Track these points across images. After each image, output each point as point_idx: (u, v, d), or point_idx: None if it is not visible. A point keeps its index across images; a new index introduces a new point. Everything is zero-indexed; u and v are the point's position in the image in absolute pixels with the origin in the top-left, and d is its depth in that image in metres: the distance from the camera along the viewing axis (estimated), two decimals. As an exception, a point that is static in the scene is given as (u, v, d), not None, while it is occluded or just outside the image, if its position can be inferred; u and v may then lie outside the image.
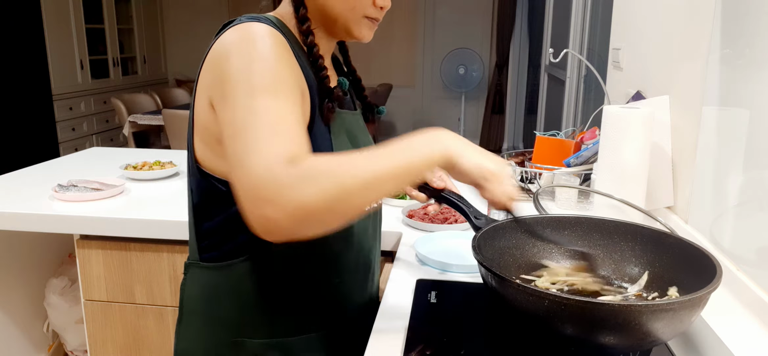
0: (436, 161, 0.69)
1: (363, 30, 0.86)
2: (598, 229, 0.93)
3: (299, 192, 0.59)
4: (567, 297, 0.67)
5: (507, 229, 0.90)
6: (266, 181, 0.60)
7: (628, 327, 0.66)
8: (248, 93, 0.68)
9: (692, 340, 0.86)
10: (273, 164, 0.61)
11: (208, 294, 0.89)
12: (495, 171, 0.73)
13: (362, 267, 0.97)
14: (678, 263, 0.83)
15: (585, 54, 3.47)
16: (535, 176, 1.60)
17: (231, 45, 0.73)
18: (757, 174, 0.90)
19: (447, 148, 0.70)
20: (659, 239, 0.87)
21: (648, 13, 1.48)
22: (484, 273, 0.78)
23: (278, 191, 0.59)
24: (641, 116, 1.19)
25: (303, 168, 0.61)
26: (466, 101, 6.52)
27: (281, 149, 0.63)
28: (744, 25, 0.96)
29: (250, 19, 0.77)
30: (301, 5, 0.84)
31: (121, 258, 1.49)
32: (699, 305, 0.70)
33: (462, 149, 0.71)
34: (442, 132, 0.71)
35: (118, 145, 5.74)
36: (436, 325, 0.88)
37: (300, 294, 0.89)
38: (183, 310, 0.92)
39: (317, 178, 0.60)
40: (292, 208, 0.59)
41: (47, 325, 1.89)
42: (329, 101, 0.84)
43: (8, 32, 4.38)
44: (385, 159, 0.65)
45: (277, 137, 0.65)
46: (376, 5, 0.84)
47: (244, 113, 0.67)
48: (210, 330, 0.89)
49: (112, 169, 1.95)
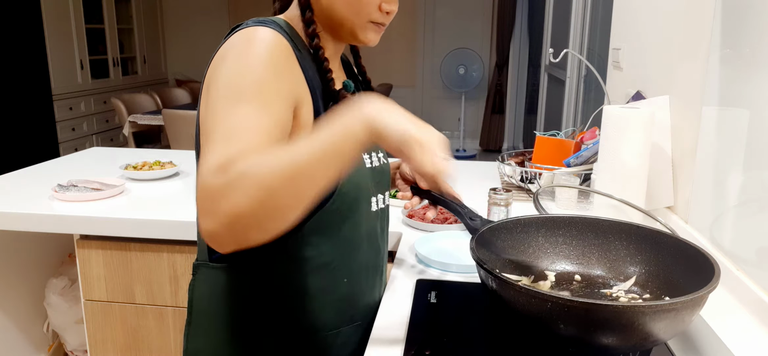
0: (358, 133, 0.63)
1: (369, 34, 0.86)
2: (594, 229, 0.93)
3: (227, 201, 0.57)
4: (567, 298, 0.67)
5: (504, 230, 0.90)
6: (201, 192, 0.60)
7: (627, 327, 0.66)
8: (225, 98, 0.69)
9: (692, 340, 0.86)
10: (207, 173, 0.60)
11: (218, 294, 0.89)
12: (420, 138, 0.65)
13: (372, 267, 0.97)
14: (676, 264, 0.83)
15: (585, 54, 3.47)
16: (535, 176, 1.60)
17: (229, 49, 0.74)
18: (757, 174, 0.90)
19: (366, 117, 0.64)
20: (657, 239, 0.87)
21: (648, 13, 1.48)
22: (484, 274, 0.78)
23: (210, 202, 0.58)
24: (641, 116, 1.19)
25: (228, 175, 0.59)
26: (466, 101, 6.52)
27: (218, 156, 0.61)
28: (744, 25, 0.96)
29: (256, 23, 0.78)
30: (307, 8, 0.84)
31: (121, 258, 1.49)
32: (698, 305, 0.70)
33: (384, 117, 0.64)
34: (368, 101, 0.66)
35: (118, 145, 5.74)
36: (436, 325, 0.88)
37: (310, 294, 0.89)
38: (193, 311, 0.92)
39: (243, 182, 0.58)
40: (223, 218, 0.57)
41: (47, 325, 1.89)
42: (334, 104, 0.84)
43: (8, 32, 4.38)
44: (308, 147, 0.61)
45: (223, 143, 0.63)
46: (382, 10, 0.84)
47: (214, 118, 0.67)
48: (220, 330, 0.90)
49: (112, 169, 1.95)
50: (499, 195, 1.24)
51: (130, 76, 6.15)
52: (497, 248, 0.89)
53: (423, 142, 0.66)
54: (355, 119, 0.64)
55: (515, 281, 0.72)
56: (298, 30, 0.85)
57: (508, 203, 1.25)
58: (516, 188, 1.64)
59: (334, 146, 0.62)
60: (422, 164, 0.66)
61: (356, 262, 0.92)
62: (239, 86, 0.69)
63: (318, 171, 0.61)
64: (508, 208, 1.25)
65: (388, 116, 0.65)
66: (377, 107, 0.65)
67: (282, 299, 0.88)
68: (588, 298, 0.83)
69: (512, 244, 0.91)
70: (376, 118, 0.64)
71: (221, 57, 0.74)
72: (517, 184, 1.65)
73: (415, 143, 0.65)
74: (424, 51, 6.57)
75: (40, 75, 4.74)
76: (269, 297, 0.87)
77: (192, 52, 6.81)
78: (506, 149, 6.59)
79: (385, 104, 0.66)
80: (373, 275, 0.98)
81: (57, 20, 4.94)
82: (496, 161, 1.75)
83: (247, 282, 0.87)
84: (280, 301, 0.88)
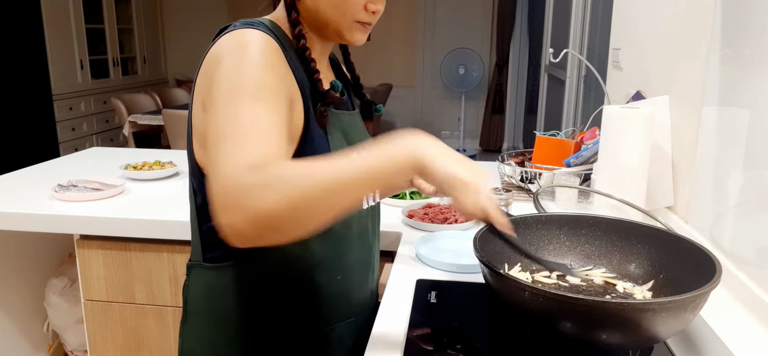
0: (403, 166, 0.65)
1: (355, 34, 0.86)
2: (597, 228, 0.93)
3: (260, 199, 0.59)
4: (569, 295, 0.67)
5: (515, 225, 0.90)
6: (230, 187, 0.61)
7: (628, 325, 0.66)
8: (230, 100, 0.69)
9: (692, 339, 0.86)
10: (238, 170, 0.61)
11: (212, 294, 0.89)
12: (467, 181, 0.66)
13: (363, 264, 0.98)
14: (678, 262, 0.83)
15: (585, 54, 3.47)
16: (535, 176, 1.60)
17: (223, 51, 0.75)
18: (757, 174, 0.90)
19: (415, 153, 0.65)
20: (659, 237, 0.87)
21: (648, 13, 1.48)
22: (485, 270, 0.78)
23: (241, 198, 0.60)
24: (641, 116, 1.19)
25: (265, 175, 0.61)
26: (466, 101, 6.52)
27: (249, 155, 0.63)
28: (744, 25, 0.96)
29: (244, 25, 0.78)
30: (293, 9, 0.84)
31: (121, 258, 1.49)
32: (699, 303, 0.70)
33: (433, 155, 0.66)
34: (415, 136, 0.67)
35: (118, 145, 5.74)
36: (436, 325, 0.88)
37: (304, 292, 0.90)
38: (187, 311, 0.93)
39: (279, 185, 0.60)
40: (253, 215, 0.59)
41: (47, 325, 1.89)
42: (322, 104, 0.84)
43: (8, 32, 4.38)
44: (350, 165, 0.63)
45: (248, 142, 0.65)
46: (368, 10, 0.84)
47: (223, 120, 0.68)
48: (214, 330, 0.90)
49: (112, 169, 1.95)
50: (499, 195, 1.25)
51: (130, 77, 6.15)
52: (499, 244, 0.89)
53: (468, 183, 0.66)
54: (401, 150, 0.65)
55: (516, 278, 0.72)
56: (285, 30, 0.86)
57: (508, 203, 1.25)
58: (516, 188, 1.64)
59: (376, 169, 0.64)
60: (469, 208, 0.67)
61: (348, 259, 0.93)
62: (243, 87, 0.70)
63: (354, 191, 0.63)
64: (508, 208, 1.25)
65: (435, 153, 0.66)
66: (424, 142, 0.67)
67: (276, 297, 0.88)
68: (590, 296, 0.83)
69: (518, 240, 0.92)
70: (424, 153, 0.66)
71: (215, 61, 0.75)
72: (517, 184, 1.65)
73: (463, 186, 0.66)
74: (424, 51, 6.57)
75: (40, 75, 4.74)
76: (263, 295, 0.88)
77: (192, 52, 6.81)
78: (506, 149, 6.59)
79: (432, 141, 0.68)
80: (366, 271, 0.99)
81: (57, 20, 4.94)
82: (496, 161, 1.76)
83: (241, 282, 0.87)
84: (274, 300, 0.88)
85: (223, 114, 0.69)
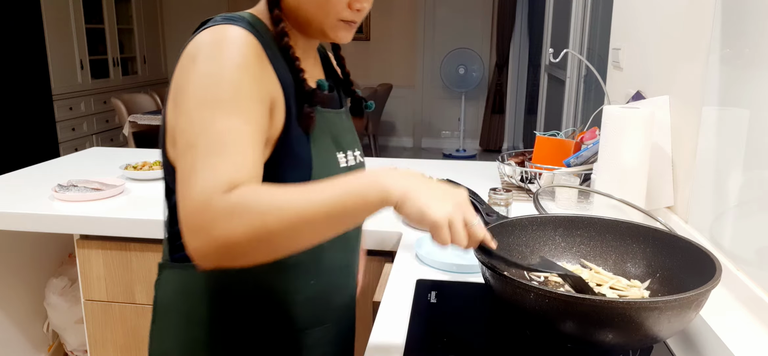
0: (373, 206, 0.63)
1: (339, 33, 0.82)
2: (596, 228, 0.93)
3: (226, 228, 0.59)
4: (570, 295, 0.67)
5: (511, 227, 0.91)
6: (198, 211, 0.61)
7: (628, 324, 0.66)
8: (203, 105, 0.67)
9: (692, 339, 0.86)
10: (206, 194, 0.61)
11: (183, 295, 0.86)
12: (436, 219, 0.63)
13: (344, 267, 0.94)
14: (678, 262, 0.83)
15: (585, 54, 3.47)
16: (535, 176, 1.60)
17: (200, 48, 0.71)
18: (757, 174, 0.90)
19: (386, 193, 0.63)
20: (659, 237, 0.87)
21: (648, 13, 1.48)
22: (487, 272, 0.78)
23: (207, 224, 0.60)
24: (641, 116, 1.19)
25: (233, 203, 0.60)
26: (466, 101, 6.53)
27: (219, 176, 0.62)
28: (744, 25, 0.96)
29: (225, 20, 0.75)
30: (275, 6, 0.80)
31: (121, 258, 1.49)
32: (700, 302, 0.70)
33: (403, 194, 0.63)
34: (388, 174, 0.65)
35: (118, 145, 5.74)
36: (436, 325, 0.88)
37: (276, 295, 0.86)
38: (157, 311, 0.90)
39: (246, 215, 0.59)
40: (219, 242, 0.59)
41: (47, 325, 1.89)
42: (309, 105, 0.80)
43: (8, 32, 4.38)
44: (320, 200, 0.61)
45: (218, 159, 0.64)
46: (352, 8, 0.79)
47: (195, 127, 0.66)
48: (184, 330, 0.87)
49: (112, 169, 1.95)
50: (499, 195, 1.25)
51: (130, 76, 6.15)
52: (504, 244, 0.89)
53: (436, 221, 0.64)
54: (375, 190, 0.63)
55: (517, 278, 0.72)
56: (269, 25, 0.81)
57: (508, 203, 1.25)
58: (516, 188, 1.64)
59: (344, 206, 0.62)
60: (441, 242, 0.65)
61: (325, 263, 0.90)
62: (216, 93, 0.67)
63: (321, 226, 0.62)
64: (508, 208, 1.25)
65: (405, 191, 0.64)
66: (396, 181, 0.64)
67: (247, 299, 0.85)
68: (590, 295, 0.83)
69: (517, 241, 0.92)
70: (397, 196, 0.64)
71: (190, 58, 0.71)
72: (517, 184, 1.65)
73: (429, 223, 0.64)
74: (424, 51, 6.57)
75: (40, 75, 4.73)
76: (232, 297, 0.85)
77: (192, 52, 6.80)
78: (506, 149, 6.59)
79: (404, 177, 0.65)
80: (345, 275, 0.95)
81: (57, 20, 4.94)
82: (496, 161, 1.76)
83: (210, 283, 0.84)
84: (245, 301, 0.85)
85: (195, 121, 0.66)
